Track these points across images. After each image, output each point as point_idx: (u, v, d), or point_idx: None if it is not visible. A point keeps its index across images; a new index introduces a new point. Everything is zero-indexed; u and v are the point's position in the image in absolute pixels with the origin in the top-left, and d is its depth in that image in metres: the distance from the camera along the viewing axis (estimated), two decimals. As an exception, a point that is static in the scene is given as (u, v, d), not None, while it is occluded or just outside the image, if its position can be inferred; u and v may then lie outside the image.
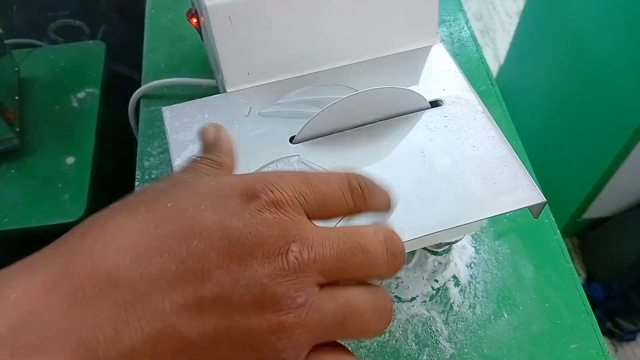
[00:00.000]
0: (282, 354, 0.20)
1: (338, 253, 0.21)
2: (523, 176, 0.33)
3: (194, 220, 0.20)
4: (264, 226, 0.20)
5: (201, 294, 0.19)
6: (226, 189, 0.21)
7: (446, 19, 0.64)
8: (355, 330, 0.21)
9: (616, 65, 0.98)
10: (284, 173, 0.22)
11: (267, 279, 0.19)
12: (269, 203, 0.21)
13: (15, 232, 0.65)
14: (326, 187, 0.22)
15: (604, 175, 1.06)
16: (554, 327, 0.43)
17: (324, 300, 0.20)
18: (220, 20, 0.37)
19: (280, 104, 0.39)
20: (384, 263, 0.22)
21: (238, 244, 0.19)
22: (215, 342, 0.19)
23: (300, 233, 0.20)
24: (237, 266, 0.19)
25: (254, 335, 0.19)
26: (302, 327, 0.20)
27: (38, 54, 0.82)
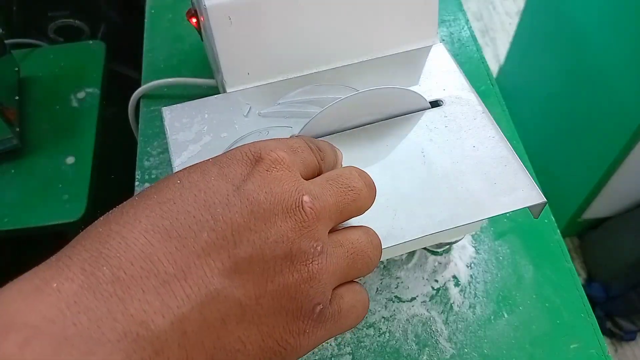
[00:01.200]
0: (314, 299, 0.21)
1: (336, 197, 0.23)
2: (523, 176, 0.33)
3: (209, 191, 0.21)
4: (276, 184, 0.21)
5: (236, 256, 0.20)
6: (226, 160, 0.22)
7: (446, 19, 0.64)
8: (362, 267, 0.24)
9: (616, 65, 0.98)
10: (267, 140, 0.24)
11: (291, 232, 0.21)
12: (273, 162, 0.22)
13: (15, 232, 0.65)
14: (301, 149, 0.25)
15: (604, 175, 1.06)
16: (554, 327, 0.43)
17: (335, 247, 0.23)
18: (220, 20, 0.37)
19: (281, 103, 0.39)
20: (367, 195, 0.25)
21: (258, 204, 0.21)
22: (257, 298, 0.20)
23: (305, 186, 0.22)
24: (263, 225, 0.20)
25: (289, 285, 0.21)
26: (325, 272, 0.22)
27: (38, 53, 0.82)
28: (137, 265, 0.18)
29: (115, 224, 0.20)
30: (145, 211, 0.20)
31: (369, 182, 0.25)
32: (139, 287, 0.18)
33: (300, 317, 0.21)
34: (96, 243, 0.19)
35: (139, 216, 0.20)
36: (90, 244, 0.19)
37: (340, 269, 0.22)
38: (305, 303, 0.21)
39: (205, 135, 0.37)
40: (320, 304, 0.22)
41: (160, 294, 0.18)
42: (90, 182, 0.68)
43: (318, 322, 0.22)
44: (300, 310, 0.21)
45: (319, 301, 0.22)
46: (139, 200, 0.21)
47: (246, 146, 0.23)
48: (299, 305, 0.21)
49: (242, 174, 0.22)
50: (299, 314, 0.21)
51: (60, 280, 0.18)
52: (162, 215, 0.20)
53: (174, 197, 0.21)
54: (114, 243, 0.19)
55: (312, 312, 0.21)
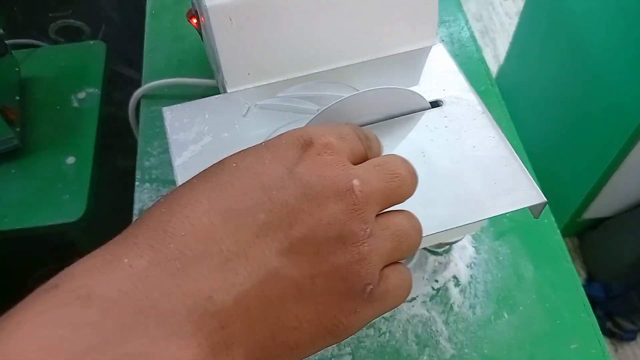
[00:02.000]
0: (365, 280, 0.22)
1: (383, 183, 0.24)
2: (523, 176, 0.33)
3: (265, 174, 0.22)
4: (327, 168, 0.22)
5: (292, 237, 0.21)
6: (278, 144, 0.23)
7: (446, 20, 0.64)
8: (406, 249, 0.25)
9: (616, 65, 0.98)
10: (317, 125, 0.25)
11: (342, 214, 0.21)
12: (323, 147, 0.23)
13: (16, 232, 0.65)
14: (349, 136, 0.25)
15: (604, 175, 1.06)
16: (554, 327, 0.43)
17: (381, 229, 0.23)
18: (220, 20, 0.37)
19: (280, 97, 0.39)
20: (410, 182, 0.26)
21: (311, 187, 0.21)
22: (312, 277, 0.21)
23: (354, 171, 0.23)
24: (316, 207, 0.21)
25: (342, 266, 0.21)
26: (375, 253, 0.22)
27: (39, 54, 0.82)
28: (201, 243, 0.19)
29: (177, 204, 0.21)
30: (206, 192, 0.21)
31: (412, 170, 0.26)
32: (203, 264, 0.19)
33: (352, 296, 0.22)
34: (161, 222, 0.20)
35: (200, 197, 0.21)
36: (155, 223, 0.20)
37: (387, 250, 0.23)
38: (357, 283, 0.22)
39: (205, 136, 0.37)
40: (370, 284, 0.22)
41: (224, 271, 0.19)
42: (90, 182, 0.68)
43: (368, 301, 0.23)
44: (352, 290, 0.22)
45: (369, 281, 0.22)
46: (197, 183, 0.22)
47: (297, 131, 0.24)
48: (351, 285, 0.22)
49: (294, 157, 0.22)
50: (351, 293, 0.22)
51: (130, 256, 0.19)
52: (221, 196, 0.21)
53: (231, 179, 0.21)
54: (177, 222, 0.20)
55: (363, 292, 0.22)
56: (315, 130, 0.24)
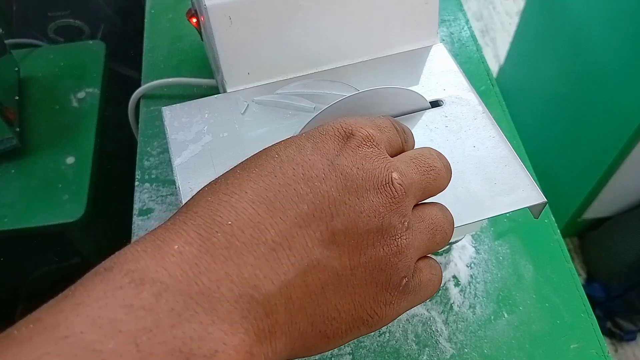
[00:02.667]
0: (401, 272, 0.23)
1: (420, 175, 0.24)
2: (523, 176, 0.33)
3: (306, 165, 0.22)
4: (367, 160, 0.22)
5: (333, 228, 0.21)
6: (319, 135, 0.23)
7: (446, 19, 0.64)
8: (440, 241, 0.25)
9: (616, 65, 0.98)
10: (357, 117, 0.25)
11: (382, 207, 0.22)
12: (364, 139, 0.23)
13: (15, 232, 0.65)
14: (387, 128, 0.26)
15: (604, 175, 1.06)
16: (554, 327, 0.43)
17: (417, 222, 0.24)
18: (220, 20, 0.37)
19: (279, 94, 0.39)
20: (445, 175, 0.26)
21: (351, 179, 0.22)
22: (351, 268, 0.21)
23: (393, 164, 0.23)
24: (357, 199, 0.21)
25: (380, 258, 0.22)
26: (411, 246, 0.23)
27: (38, 53, 0.82)
28: (247, 232, 0.20)
29: (223, 193, 0.21)
30: (250, 183, 0.21)
31: (447, 164, 0.27)
32: (250, 253, 0.19)
33: (388, 288, 0.22)
34: (208, 210, 0.20)
35: (245, 187, 0.21)
36: (203, 210, 0.20)
37: (422, 243, 0.24)
38: (394, 275, 0.22)
39: (205, 135, 0.37)
40: (405, 277, 0.23)
41: (269, 260, 0.20)
42: (90, 182, 0.68)
43: (403, 293, 0.23)
44: (389, 282, 0.22)
45: (405, 274, 0.23)
46: (242, 173, 0.22)
47: (337, 122, 0.24)
48: (388, 278, 0.22)
49: (335, 149, 0.23)
50: (388, 285, 0.22)
51: (180, 243, 0.19)
52: (265, 187, 0.21)
53: (274, 170, 0.22)
54: (224, 211, 0.20)
55: (399, 284, 0.23)
56: (356, 122, 0.24)
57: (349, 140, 0.23)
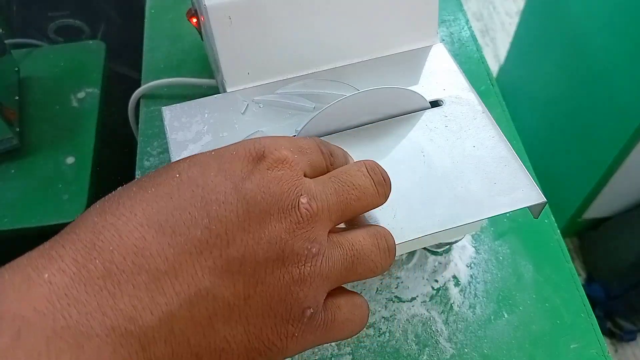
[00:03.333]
0: (304, 303, 0.21)
1: (337, 196, 0.23)
2: (523, 176, 0.33)
3: (207, 188, 0.20)
4: (274, 184, 0.21)
5: (228, 256, 0.19)
6: (228, 155, 0.22)
7: (446, 19, 0.64)
8: (364, 271, 0.23)
9: (616, 65, 0.98)
10: (274, 137, 0.24)
11: (285, 233, 0.20)
12: (275, 161, 0.22)
13: (15, 232, 0.65)
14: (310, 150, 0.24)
15: (604, 175, 1.06)
16: (554, 327, 0.43)
17: (332, 248, 0.22)
18: (220, 20, 0.37)
19: (279, 93, 0.39)
20: (374, 193, 0.24)
21: (254, 204, 0.20)
22: (245, 298, 0.20)
23: (305, 186, 0.22)
24: (257, 226, 0.20)
25: (279, 287, 0.20)
26: (318, 275, 0.21)
27: (38, 53, 0.82)
28: (129, 259, 0.18)
29: (110, 215, 0.19)
30: (142, 204, 0.20)
31: (379, 179, 0.24)
32: (129, 282, 0.18)
33: (289, 320, 0.21)
34: (90, 234, 0.19)
35: (135, 209, 0.20)
36: (84, 233, 0.19)
37: (336, 272, 0.22)
38: (295, 306, 0.21)
39: (205, 135, 0.37)
40: (310, 308, 0.21)
41: (150, 290, 0.18)
42: (90, 182, 0.68)
43: (308, 326, 0.21)
44: (289, 313, 0.21)
45: (309, 305, 0.21)
46: (136, 191, 0.20)
47: (251, 142, 0.23)
48: (288, 308, 0.21)
49: (242, 171, 0.21)
50: (288, 316, 0.21)
51: (52, 271, 0.18)
52: (158, 210, 0.20)
53: (171, 191, 0.20)
54: (107, 235, 0.19)
55: (302, 315, 0.21)
56: (271, 142, 0.22)
57: (259, 163, 0.21)
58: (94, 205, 0.21)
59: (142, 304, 0.18)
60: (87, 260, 0.18)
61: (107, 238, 0.19)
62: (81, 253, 0.18)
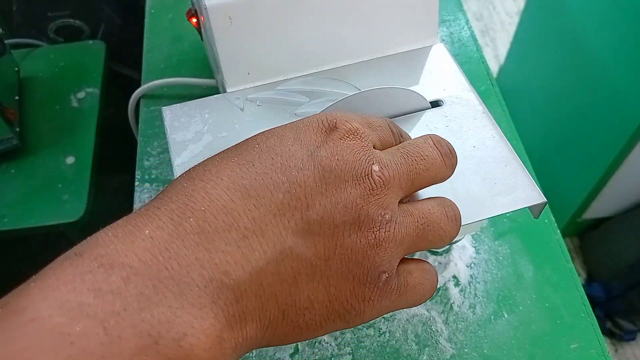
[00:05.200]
0: (380, 267, 0.22)
1: (407, 166, 0.24)
2: (523, 176, 0.33)
3: (285, 155, 0.22)
4: (348, 152, 0.22)
5: (308, 218, 0.21)
6: (302, 126, 0.23)
7: (446, 19, 0.64)
8: (434, 239, 0.24)
9: (616, 65, 0.98)
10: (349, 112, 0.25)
11: (360, 199, 0.21)
12: (347, 132, 0.23)
13: (15, 232, 0.65)
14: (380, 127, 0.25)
15: (605, 175, 1.06)
16: (554, 327, 0.43)
17: (404, 216, 0.23)
18: (220, 20, 0.37)
19: (279, 90, 0.39)
20: (442, 164, 0.25)
21: (330, 170, 0.21)
22: (326, 259, 0.21)
23: (376, 156, 0.23)
24: (334, 190, 0.21)
25: (356, 250, 0.21)
26: (392, 240, 0.22)
27: (38, 53, 0.82)
28: (220, 219, 0.20)
29: (199, 180, 0.21)
30: (227, 170, 0.21)
31: (446, 151, 0.25)
32: (221, 239, 0.19)
33: (366, 283, 0.22)
34: (182, 196, 0.20)
35: (221, 174, 0.21)
36: (177, 196, 0.20)
37: (408, 238, 0.23)
38: (372, 269, 0.22)
39: (205, 135, 0.37)
40: (385, 272, 0.22)
41: (241, 247, 0.19)
42: (90, 182, 0.68)
43: (383, 291, 0.22)
44: (366, 276, 0.22)
45: (385, 269, 0.22)
46: (220, 161, 0.22)
47: (323, 114, 0.24)
48: (365, 271, 0.21)
49: (316, 140, 0.22)
50: (365, 280, 0.22)
51: (152, 228, 0.19)
52: (242, 175, 0.21)
53: (253, 159, 0.22)
54: (198, 197, 0.20)
55: (378, 279, 0.22)
56: (342, 114, 0.24)
57: (332, 133, 0.23)
58: (182, 174, 0.22)
59: (235, 259, 0.19)
60: (183, 218, 0.19)
61: (198, 200, 0.20)
62: (176, 212, 0.19)
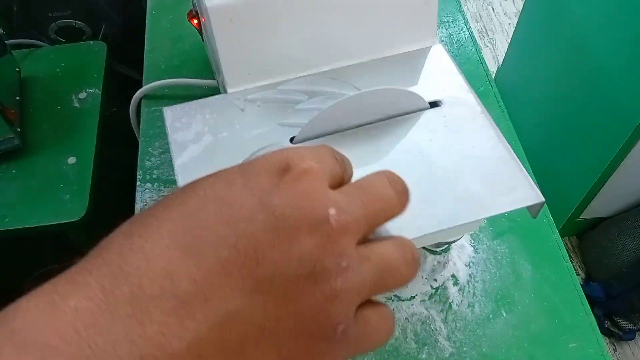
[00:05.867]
0: (337, 319, 0.20)
1: (365, 209, 0.22)
2: (522, 176, 0.33)
3: (234, 205, 0.20)
4: (302, 197, 0.20)
5: (258, 276, 0.19)
6: (253, 169, 0.21)
7: (445, 20, 0.64)
8: (391, 283, 0.22)
9: (615, 65, 0.99)
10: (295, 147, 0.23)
11: (316, 248, 0.20)
12: (301, 173, 0.21)
13: (16, 232, 0.65)
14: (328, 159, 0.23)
15: (603, 175, 1.07)
16: (552, 326, 0.43)
17: (362, 262, 0.21)
18: (221, 21, 0.37)
19: (279, 89, 0.39)
20: (397, 202, 0.24)
21: (283, 220, 0.19)
22: (277, 319, 0.19)
23: (332, 198, 0.21)
24: (287, 242, 0.19)
25: (311, 305, 0.19)
26: (350, 290, 0.20)
27: (39, 54, 0.82)
28: (156, 283, 0.18)
29: (138, 237, 0.19)
30: (168, 224, 0.19)
31: (400, 189, 0.24)
32: (157, 307, 0.18)
33: (322, 338, 0.20)
34: (117, 257, 0.19)
35: (162, 230, 0.19)
36: (111, 257, 0.19)
37: (366, 285, 0.21)
38: (327, 323, 0.20)
39: (206, 135, 0.37)
40: (342, 324, 0.20)
41: (179, 315, 0.18)
42: (91, 182, 0.68)
43: (340, 342, 0.21)
44: (322, 330, 0.20)
45: (341, 320, 0.20)
46: (162, 211, 0.20)
47: (274, 155, 0.22)
48: (320, 326, 0.20)
49: (268, 185, 0.21)
50: (321, 334, 0.20)
51: (78, 298, 0.17)
52: (184, 230, 0.19)
53: (197, 210, 0.20)
54: (135, 258, 0.18)
55: (334, 332, 0.20)
56: (294, 153, 0.22)
57: (285, 175, 0.21)
58: (120, 227, 0.20)
59: (171, 331, 0.17)
60: (115, 285, 0.18)
61: (134, 262, 0.18)
62: (108, 278, 0.18)
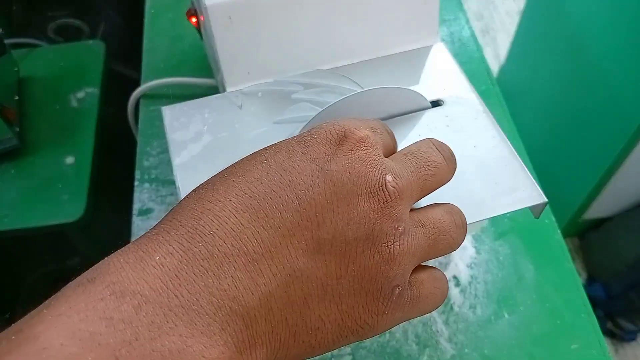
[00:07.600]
0: (394, 281, 0.21)
1: (416, 174, 0.23)
2: (524, 176, 0.33)
3: (294, 172, 0.21)
4: (360, 164, 0.21)
5: (319, 237, 0.20)
6: (311, 138, 0.23)
7: (447, 19, 0.64)
8: (444, 247, 0.24)
9: (617, 65, 0.98)
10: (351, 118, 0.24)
11: (373, 213, 0.21)
12: (357, 141, 0.22)
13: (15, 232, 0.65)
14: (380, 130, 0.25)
15: (605, 175, 1.06)
16: (554, 327, 0.43)
17: (417, 227, 0.23)
18: (220, 19, 0.37)
19: (278, 81, 0.39)
20: (447, 168, 0.25)
21: (341, 185, 0.21)
22: (337, 278, 0.21)
23: (388, 165, 0.22)
24: (346, 206, 0.21)
25: (369, 267, 0.21)
26: (406, 253, 0.22)
27: (37, 53, 0.82)
28: (228, 243, 0.19)
29: (207, 201, 0.21)
30: (235, 189, 0.21)
31: (448, 154, 0.25)
32: (230, 264, 0.19)
33: (379, 298, 0.21)
34: (191, 219, 0.20)
35: (229, 194, 0.20)
36: (186, 219, 0.20)
37: (421, 249, 0.22)
38: (385, 284, 0.21)
39: (204, 135, 0.37)
40: (399, 286, 0.22)
41: (249, 271, 0.19)
42: (90, 182, 0.68)
43: (396, 303, 0.22)
44: (379, 291, 0.21)
45: (398, 283, 0.22)
46: (228, 178, 0.21)
47: (330, 124, 0.23)
48: (378, 287, 0.21)
49: (326, 153, 0.22)
50: (379, 294, 0.21)
51: (162, 254, 0.19)
52: (250, 194, 0.20)
53: (261, 176, 0.21)
54: (207, 220, 0.20)
55: (391, 293, 0.22)
56: (350, 123, 0.23)
57: (342, 144, 0.22)
58: (190, 193, 0.22)
59: (243, 285, 0.19)
60: (192, 243, 0.19)
61: (207, 223, 0.20)
62: (185, 237, 0.19)
